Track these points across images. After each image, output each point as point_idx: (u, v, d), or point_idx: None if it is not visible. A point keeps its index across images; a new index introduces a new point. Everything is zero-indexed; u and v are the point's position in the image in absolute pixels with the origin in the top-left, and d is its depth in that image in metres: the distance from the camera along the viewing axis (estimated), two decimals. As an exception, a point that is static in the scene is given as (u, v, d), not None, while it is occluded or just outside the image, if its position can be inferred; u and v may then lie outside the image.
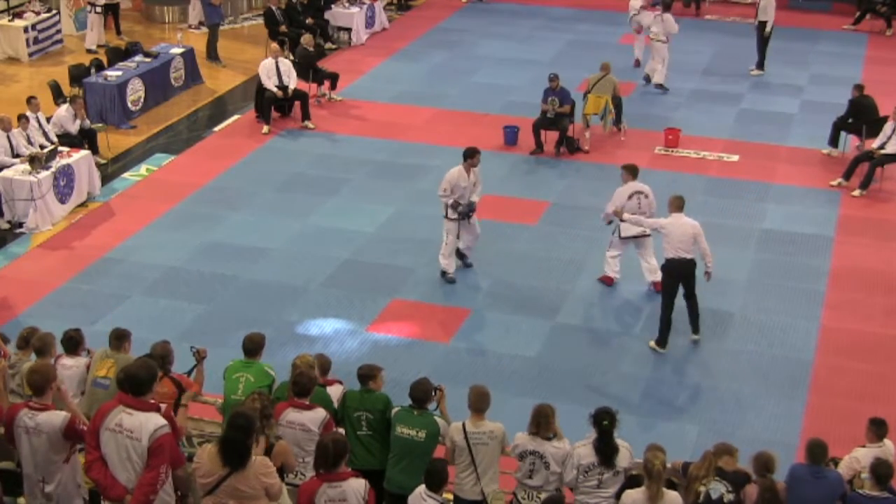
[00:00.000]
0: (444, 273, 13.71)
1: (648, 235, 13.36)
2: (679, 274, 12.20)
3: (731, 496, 7.82)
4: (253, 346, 9.07)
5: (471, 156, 13.40)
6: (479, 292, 13.61)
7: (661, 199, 13.25)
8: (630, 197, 13.25)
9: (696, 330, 12.56)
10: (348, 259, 14.29)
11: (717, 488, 7.85)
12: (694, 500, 7.84)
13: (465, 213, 13.35)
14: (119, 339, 9.03)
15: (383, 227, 15.16)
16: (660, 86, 20.48)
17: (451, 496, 8.39)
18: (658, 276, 13.11)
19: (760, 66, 21.69)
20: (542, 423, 8.15)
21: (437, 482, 7.53)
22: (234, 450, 6.93)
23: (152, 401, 7.24)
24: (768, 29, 21.15)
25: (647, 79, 20.77)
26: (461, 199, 13.30)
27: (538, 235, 15.09)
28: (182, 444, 8.90)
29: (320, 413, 8.35)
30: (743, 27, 25.05)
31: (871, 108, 17.47)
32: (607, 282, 13.76)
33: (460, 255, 13.98)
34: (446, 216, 13.45)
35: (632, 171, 13.48)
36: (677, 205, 12.29)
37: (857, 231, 15.35)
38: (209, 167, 17.12)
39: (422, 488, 7.55)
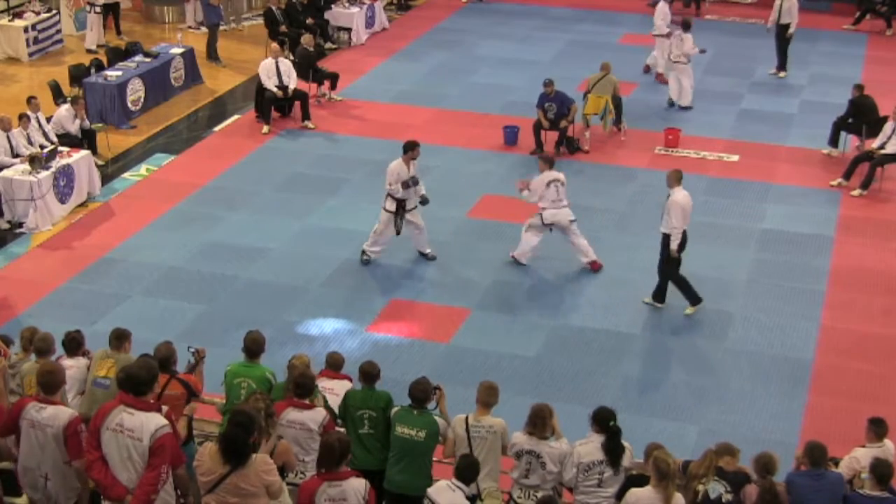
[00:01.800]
0: (363, 253, 14.08)
1: (574, 220, 13.86)
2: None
3: (729, 496, 7.82)
4: (256, 347, 9.00)
5: (411, 148, 13.76)
6: (479, 292, 13.61)
7: (663, 198, 13.23)
8: (548, 185, 13.76)
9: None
10: (348, 259, 14.29)
11: (716, 488, 7.85)
12: (693, 498, 7.83)
13: (415, 183, 13.73)
14: (119, 339, 9.02)
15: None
16: (687, 108, 19.81)
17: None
18: (593, 256, 14.00)
19: (782, 67, 21.53)
20: (539, 424, 8.16)
21: (470, 474, 7.56)
22: (235, 447, 6.93)
23: (153, 401, 7.25)
24: (792, 30, 21.02)
25: (672, 103, 19.99)
26: (407, 188, 13.71)
27: (538, 235, 15.08)
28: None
29: (320, 412, 8.36)
30: (743, 27, 25.08)
31: (871, 107, 17.47)
32: (517, 258, 14.16)
33: (421, 254, 14.27)
34: (384, 208, 13.80)
35: (548, 161, 14.01)
36: (677, 177, 12.82)
37: (857, 231, 15.35)
38: (209, 167, 17.12)
39: (446, 481, 7.56)
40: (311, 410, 8.33)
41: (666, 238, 12.82)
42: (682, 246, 12.84)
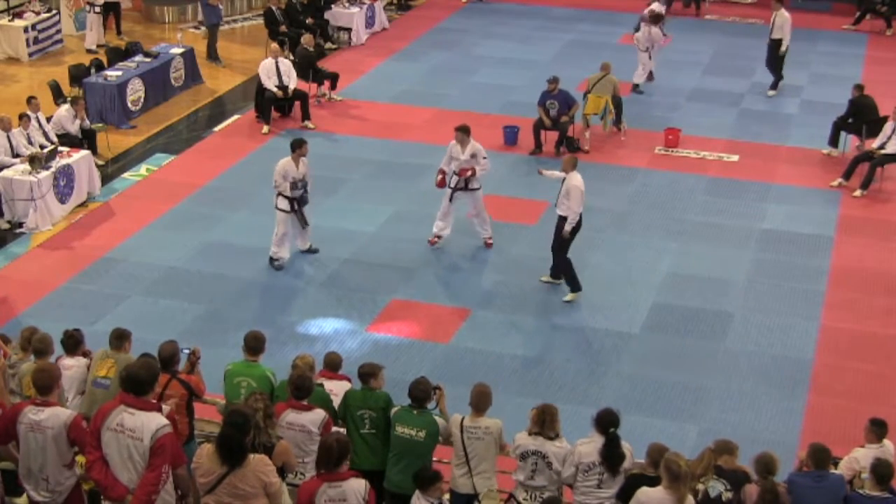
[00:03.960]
0: (272, 259, 13.98)
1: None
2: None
3: (729, 494, 7.81)
4: (257, 345, 9.04)
5: (298, 146, 13.79)
6: (479, 292, 13.61)
7: (663, 198, 13.33)
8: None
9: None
10: (348, 259, 14.29)
11: (716, 487, 7.84)
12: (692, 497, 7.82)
13: (300, 197, 13.75)
14: (119, 339, 9.02)
15: (383, 227, 15.16)
16: (636, 86, 20.52)
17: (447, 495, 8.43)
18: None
19: (774, 86, 20.70)
20: (547, 421, 8.15)
21: (424, 484, 7.53)
22: (231, 448, 6.92)
23: (153, 401, 7.25)
24: (783, 48, 20.28)
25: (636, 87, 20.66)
26: (295, 189, 13.72)
27: (538, 235, 15.06)
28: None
29: (319, 414, 8.36)
30: (743, 27, 25.08)
31: (871, 107, 17.47)
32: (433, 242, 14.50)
33: (307, 249, 14.33)
34: (277, 207, 13.79)
35: (465, 131, 14.41)
36: (573, 163, 13.16)
37: (857, 231, 15.35)
38: (209, 167, 17.12)
39: (416, 492, 7.59)
40: (310, 412, 8.33)
41: (562, 220, 13.07)
42: (576, 229, 13.10)
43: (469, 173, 14.29)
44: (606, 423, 8.03)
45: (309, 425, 8.30)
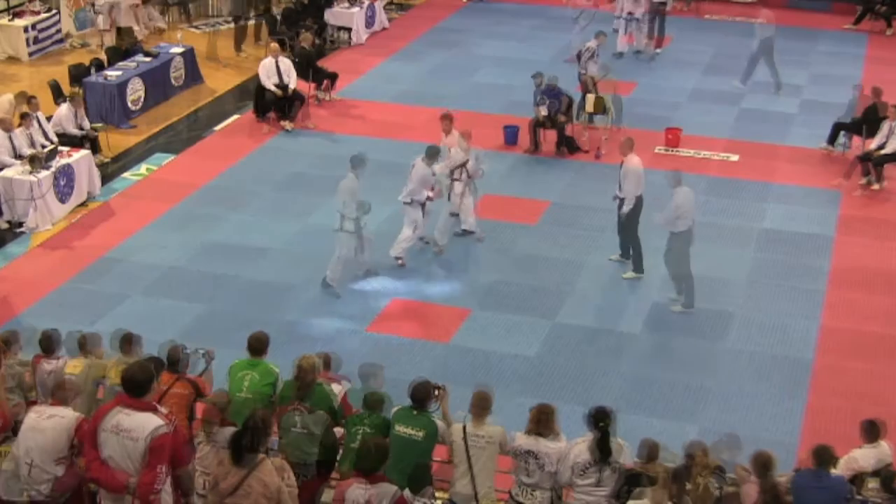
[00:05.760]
0: (327, 284, 13.52)
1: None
2: None
3: (730, 489, 7.84)
4: (260, 346, 9.10)
5: (360, 164, 13.47)
6: (479, 292, 13.61)
7: (663, 198, 13.30)
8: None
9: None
10: (348, 259, 14.26)
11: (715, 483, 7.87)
12: (693, 489, 7.82)
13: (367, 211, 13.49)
14: (127, 342, 9.08)
15: (383, 227, 15.14)
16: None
17: (446, 495, 8.42)
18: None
19: (778, 86, 20.70)
20: (543, 421, 8.17)
21: (417, 486, 7.55)
22: (242, 451, 6.97)
23: (153, 401, 7.26)
24: (753, 48, 20.38)
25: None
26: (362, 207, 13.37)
27: (538, 235, 15.10)
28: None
29: (321, 416, 8.46)
30: (743, 27, 25.04)
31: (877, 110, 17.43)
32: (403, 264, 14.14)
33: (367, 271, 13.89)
34: (341, 229, 13.31)
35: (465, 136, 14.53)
36: (630, 145, 13.72)
37: (857, 231, 15.35)
38: (209, 167, 17.12)
39: (408, 492, 7.61)
40: (313, 415, 8.40)
41: (622, 203, 13.61)
42: (636, 211, 13.52)
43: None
44: (597, 418, 8.06)
45: (312, 427, 8.33)
